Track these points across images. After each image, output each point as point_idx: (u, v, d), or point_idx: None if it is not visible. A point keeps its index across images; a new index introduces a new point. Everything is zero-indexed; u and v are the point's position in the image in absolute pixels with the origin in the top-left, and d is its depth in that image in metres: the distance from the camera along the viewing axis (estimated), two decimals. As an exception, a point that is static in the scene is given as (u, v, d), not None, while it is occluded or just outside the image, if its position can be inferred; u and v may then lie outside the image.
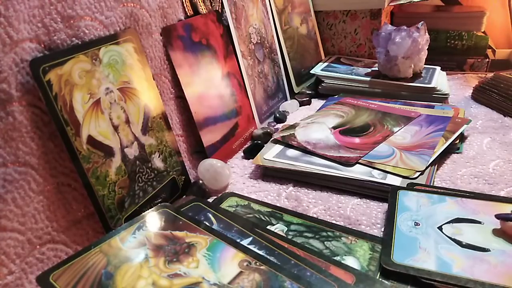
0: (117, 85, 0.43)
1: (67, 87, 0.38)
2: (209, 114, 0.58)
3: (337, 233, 0.40)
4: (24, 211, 0.35)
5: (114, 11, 0.45)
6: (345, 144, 0.55)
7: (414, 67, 0.75)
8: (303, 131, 0.60)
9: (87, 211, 0.40)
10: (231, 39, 0.65)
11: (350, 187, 0.49)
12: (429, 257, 0.34)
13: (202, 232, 0.36)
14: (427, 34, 0.75)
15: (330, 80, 0.82)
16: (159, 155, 0.48)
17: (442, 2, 1.15)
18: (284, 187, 0.51)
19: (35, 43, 0.36)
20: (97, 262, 0.32)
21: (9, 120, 0.34)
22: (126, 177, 0.43)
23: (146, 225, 0.37)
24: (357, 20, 0.92)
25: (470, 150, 0.56)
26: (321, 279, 0.31)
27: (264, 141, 0.60)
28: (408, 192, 0.44)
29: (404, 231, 0.38)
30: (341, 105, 0.70)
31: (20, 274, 0.34)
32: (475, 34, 0.98)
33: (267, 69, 0.74)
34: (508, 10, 1.14)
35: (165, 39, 0.53)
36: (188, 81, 0.55)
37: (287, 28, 0.82)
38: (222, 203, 0.47)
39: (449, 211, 0.40)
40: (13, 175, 0.34)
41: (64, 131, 0.37)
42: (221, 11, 0.64)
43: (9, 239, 0.34)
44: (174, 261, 0.33)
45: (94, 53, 0.41)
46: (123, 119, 0.43)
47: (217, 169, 0.51)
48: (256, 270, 0.32)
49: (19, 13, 0.35)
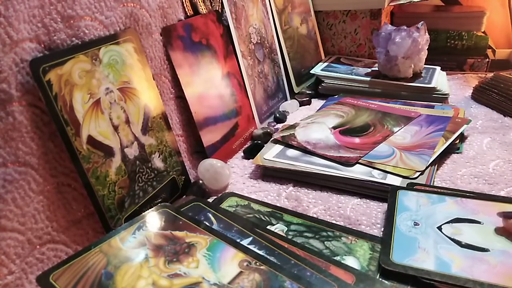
0: (117, 85, 0.43)
1: (67, 87, 0.38)
2: (209, 114, 0.58)
3: (337, 233, 0.40)
4: (24, 211, 0.35)
5: (114, 11, 0.45)
6: (345, 144, 0.55)
7: (414, 67, 0.75)
8: (303, 131, 0.60)
9: (87, 211, 0.40)
10: (231, 39, 0.65)
11: (350, 187, 0.49)
12: (428, 257, 0.34)
13: (202, 232, 0.36)
14: (427, 34, 0.75)
15: (330, 80, 0.82)
16: (159, 155, 0.48)
17: (442, 2, 1.15)
18: (284, 187, 0.51)
19: (35, 43, 0.36)
20: (97, 262, 0.33)
21: (9, 120, 0.34)
22: (126, 177, 0.43)
23: (146, 225, 0.37)
24: (357, 20, 0.92)
25: (470, 150, 0.56)
26: (321, 279, 0.31)
27: (264, 141, 0.60)
28: (408, 192, 0.44)
29: (403, 231, 0.38)
30: (341, 105, 0.70)
31: (20, 274, 0.35)
32: (475, 34, 0.98)
33: (267, 69, 0.74)
34: (508, 10, 1.14)
35: (165, 39, 0.53)
36: (188, 81, 0.55)
37: (287, 28, 0.82)
38: (222, 203, 0.47)
39: (448, 211, 0.40)
40: (13, 175, 0.34)
41: (64, 131, 0.37)
42: (221, 11, 0.64)
43: (9, 239, 0.34)
44: (174, 261, 0.33)
45: (94, 53, 0.41)
46: (123, 119, 0.43)
47: (217, 169, 0.51)
48: (256, 270, 0.32)
49: (19, 13, 0.35)
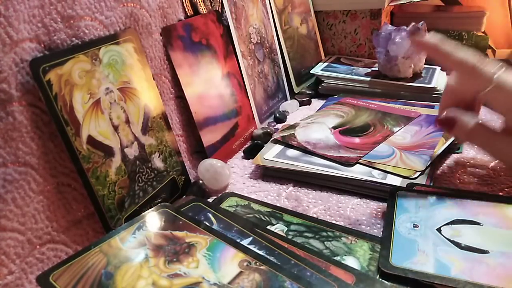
0: (117, 85, 0.43)
1: (67, 87, 0.38)
2: (209, 114, 0.58)
3: (337, 233, 0.40)
4: (24, 211, 0.35)
5: (114, 11, 0.45)
6: (345, 144, 0.55)
7: (414, 67, 0.75)
8: (303, 131, 0.60)
9: (87, 211, 0.40)
10: (231, 39, 0.65)
11: (350, 187, 0.49)
12: (428, 259, 0.34)
13: (202, 232, 0.36)
14: (427, 34, 0.75)
15: (330, 80, 0.82)
16: (159, 155, 0.48)
17: (442, 2, 1.15)
18: (284, 187, 0.51)
19: (35, 43, 0.36)
20: (97, 262, 0.33)
21: (9, 120, 0.34)
22: (126, 177, 0.43)
23: (146, 225, 0.38)
24: (357, 20, 0.92)
25: (470, 150, 0.56)
26: (321, 279, 0.31)
27: (264, 141, 0.60)
28: (407, 193, 0.44)
29: (402, 233, 0.38)
30: (341, 105, 0.70)
31: (20, 274, 0.35)
32: (475, 34, 0.98)
33: (267, 69, 0.74)
34: (508, 10, 1.14)
35: (165, 39, 0.53)
36: (188, 81, 0.55)
37: (287, 28, 0.82)
38: (222, 203, 0.47)
39: (448, 212, 0.40)
40: (13, 175, 0.34)
41: (64, 131, 0.37)
42: (221, 11, 0.64)
43: (9, 239, 0.34)
44: (174, 261, 0.33)
45: (94, 53, 0.41)
46: (123, 119, 0.43)
47: (217, 169, 0.51)
48: (256, 270, 0.32)
49: (19, 13, 0.35)
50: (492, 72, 0.40)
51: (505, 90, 0.39)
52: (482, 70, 0.40)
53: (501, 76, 0.39)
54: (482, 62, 0.41)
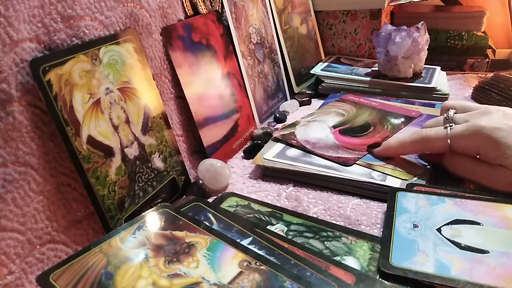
0: (117, 85, 0.43)
1: (67, 87, 0.38)
2: (209, 114, 0.58)
3: (337, 233, 0.40)
4: (24, 211, 0.35)
5: (114, 11, 0.44)
6: (344, 144, 0.55)
7: (414, 67, 0.75)
8: (303, 129, 0.60)
9: (87, 211, 0.40)
10: (231, 39, 0.65)
11: (350, 188, 0.49)
12: (428, 259, 0.34)
13: (202, 232, 0.36)
14: (427, 34, 0.75)
15: (330, 80, 0.82)
16: (159, 155, 0.48)
17: (442, 2, 1.15)
18: (284, 187, 0.51)
19: (35, 43, 0.36)
20: (97, 262, 0.33)
21: (9, 120, 0.34)
22: (126, 177, 0.43)
23: (146, 225, 0.37)
24: (357, 20, 0.92)
25: (470, 150, 0.56)
26: (321, 279, 0.31)
27: (264, 141, 0.60)
28: (407, 194, 0.44)
29: (402, 234, 0.38)
30: (343, 103, 0.70)
31: (20, 274, 0.35)
32: (475, 34, 0.98)
33: (267, 69, 0.74)
34: (508, 10, 1.14)
35: (165, 39, 0.53)
36: (188, 81, 0.55)
37: (287, 28, 0.82)
38: (222, 203, 0.47)
39: (448, 213, 0.40)
40: (13, 175, 0.34)
41: (64, 131, 0.37)
42: (221, 11, 0.64)
43: (9, 239, 0.34)
44: (174, 261, 0.33)
45: (94, 53, 0.41)
46: (123, 119, 0.43)
47: (217, 169, 0.51)
48: (256, 270, 0.32)
49: (19, 13, 0.35)
50: (444, 131, 0.45)
51: (463, 138, 0.44)
52: (434, 136, 0.46)
53: (453, 130, 0.45)
54: (427, 130, 0.47)
